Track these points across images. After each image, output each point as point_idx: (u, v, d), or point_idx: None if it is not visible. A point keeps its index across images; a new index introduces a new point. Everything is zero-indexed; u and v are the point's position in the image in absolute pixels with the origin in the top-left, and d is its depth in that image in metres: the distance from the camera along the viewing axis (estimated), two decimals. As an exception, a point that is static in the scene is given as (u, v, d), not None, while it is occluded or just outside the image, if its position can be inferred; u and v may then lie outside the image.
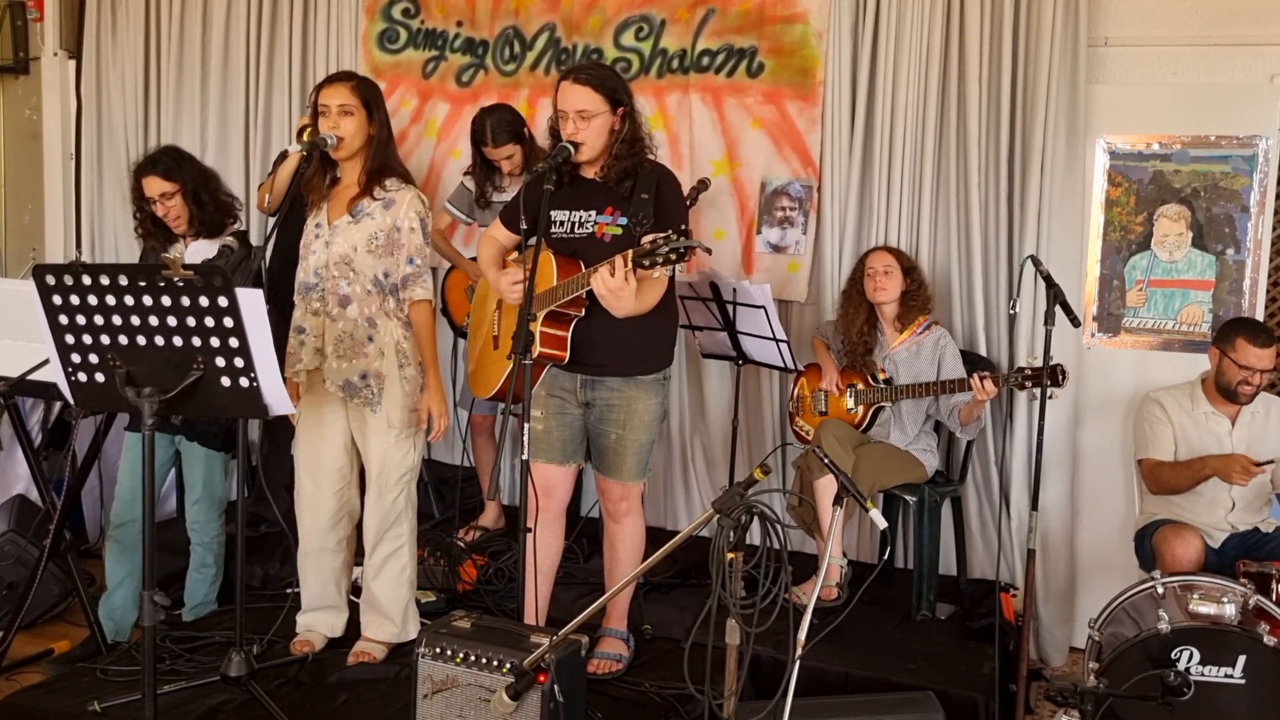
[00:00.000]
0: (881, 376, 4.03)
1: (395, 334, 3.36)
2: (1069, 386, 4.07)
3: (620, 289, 2.96)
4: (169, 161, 3.65)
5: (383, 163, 3.38)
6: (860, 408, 4.05)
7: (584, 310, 3.21)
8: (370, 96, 3.36)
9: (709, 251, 3.23)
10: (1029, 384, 3.61)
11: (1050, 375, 3.51)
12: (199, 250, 3.67)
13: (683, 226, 2.88)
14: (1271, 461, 3.57)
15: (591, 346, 3.24)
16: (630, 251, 2.91)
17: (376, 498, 3.41)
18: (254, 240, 5.00)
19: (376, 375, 3.33)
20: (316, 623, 3.59)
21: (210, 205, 3.68)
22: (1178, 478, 3.64)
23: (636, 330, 3.24)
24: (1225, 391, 3.65)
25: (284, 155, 4.54)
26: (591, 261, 3.09)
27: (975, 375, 3.74)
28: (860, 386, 4.06)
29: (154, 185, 3.63)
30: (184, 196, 3.64)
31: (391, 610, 3.49)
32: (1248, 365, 3.57)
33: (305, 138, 4.02)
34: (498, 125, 4.15)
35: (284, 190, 4.23)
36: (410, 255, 3.34)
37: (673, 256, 2.83)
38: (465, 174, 4.41)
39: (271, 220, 3.39)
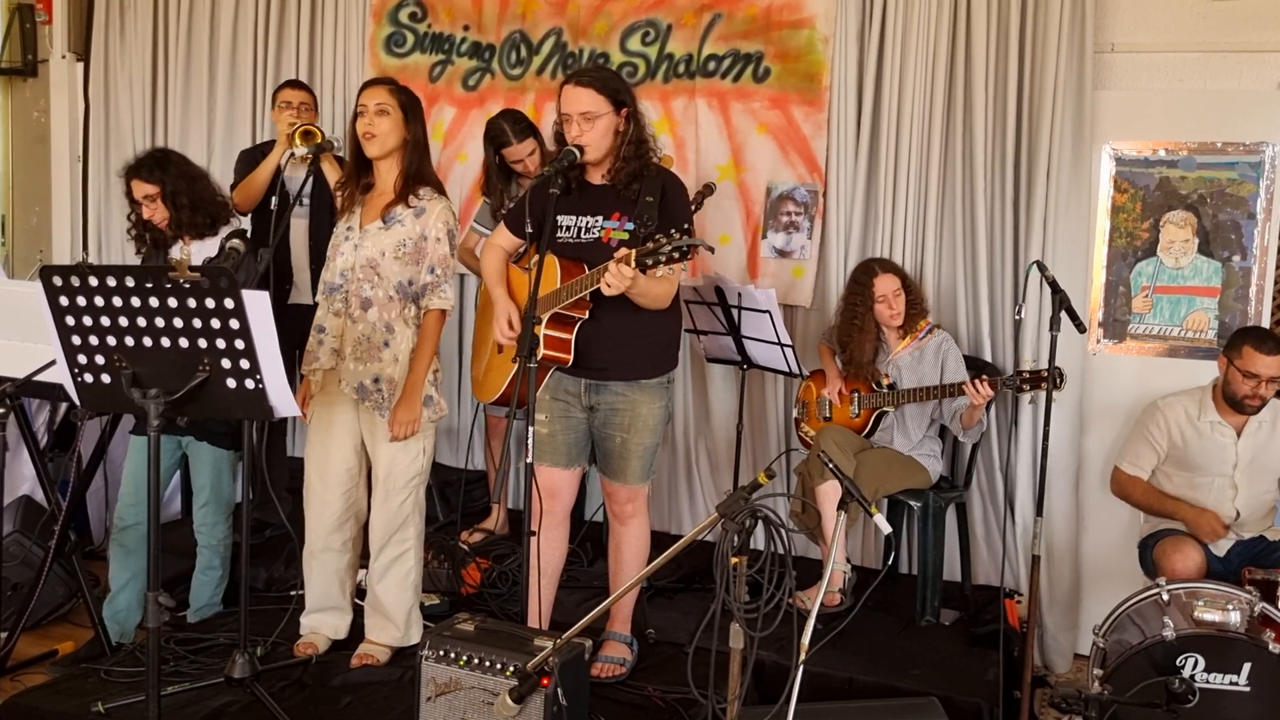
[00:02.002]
0: (885, 382, 4.03)
1: (411, 341, 3.37)
2: (1074, 393, 4.09)
3: (630, 289, 2.98)
4: (152, 164, 3.66)
5: (419, 170, 3.38)
6: (863, 413, 4.05)
7: (588, 313, 3.21)
8: (408, 103, 3.38)
9: (711, 250, 3.23)
10: (1026, 386, 3.61)
11: (1047, 377, 3.51)
12: (195, 251, 3.68)
13: (686, 226, 2.88)
14: (1240, 523, 3.62)
15: (595, 350, 3.24)
16: (633, 251, 2.91)
17: (384, 500, 3.41)
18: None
19: (388, 380, 3.34)
20: (320, 624, 3.59)
21: (189, 208, 3.66)
22: (1146, 502, 3.70)
23: (640, 334, 3.24)
24: (1232, 402, 3.64)
25: (246, 154, 4.56)
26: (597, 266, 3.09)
27: (969, 379, 3.74)
28: (863, 392, 4.06)
29: (138, 188, 3.65)
30: (163, 199, 3.64)
31: (395, 614, 3.49)
32: (1255, 373, 3.54)
33: (298, 140, 4.03)
34: (515, 122, 4.17)
35: (263, 189, 4.25)
36: (432, 265, 3.34)
37: (675, 255, 2.84)
38: (483, 194, 4.40)
39: (276, 220, 3.40)
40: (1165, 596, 3.23)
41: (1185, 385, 3.89)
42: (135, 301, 2.43)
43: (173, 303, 2.42)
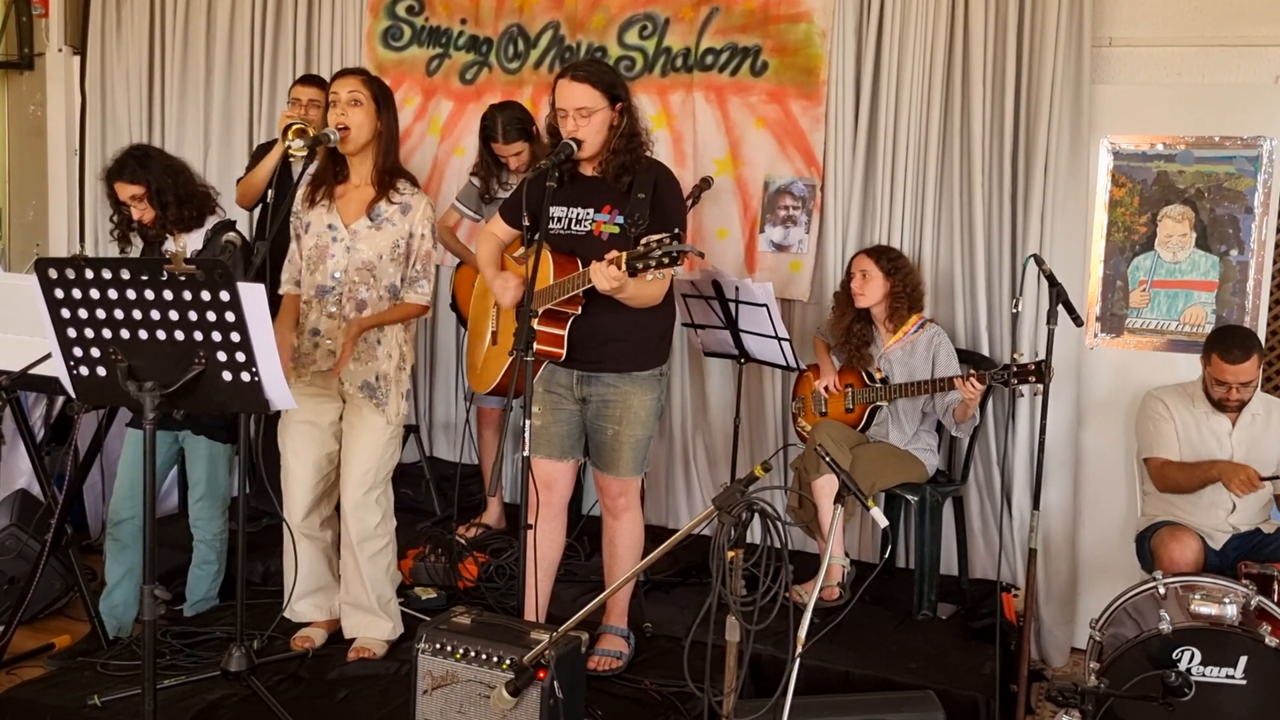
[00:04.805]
0: (878, 376, 4.03)
1: (398, 337, 3.43)
2: (1071, 386, 4.09)
3: (619, 292, 2.97)
4: (133, 164, 3.62)
5: (393, 162, 3.39)
6: (857, 407, 4.05)
7: (580, 308, 3.21)
8: (380, 93, 3.37)
9: (701, 255, 3.23)
10: (1014, 381, 3.61)
11: (1035, 371, 3.52)
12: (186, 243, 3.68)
13: (675, 230, 2.87)
14: (1277, 478, 3.57)
15: (588, 343, 3.25)
16: (624, 255, 2.91)
17: (367, 492, 3.42)
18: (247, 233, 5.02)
19: (384, 377, 3.39)
20: (310, 611, 3.60)
21: (174, 204, 3.63)
22: (1184, 478, 3.64)
23: (632, 327, 3.24)
24: (1212, 402, 3.66)
25: (260, 149, 4.56)
26: (589, 260, 3.08)
27: (961, 374, 3.74)
28: (856, 386, 4.06)
29: (123, 189, 3.62)
30: (149, 198, 3.61)
31: (385, 606, 3.52)
32: (1224, 381, 3.58)
33: (292, 135, 4.01)
34: (509, 122, 4.15)
35: (263, 185, 4.25)
36: (415, 260, 3.38)
37: (665, 260, 2.83)
38: (472, 174, 4.41)
39: (273, 214, 3.39)
40: (1162, 590, 3.24)
41: (1182, 379, 3.89)
42: (131, 294, 2.42)
43: (168, 295, 2.41)
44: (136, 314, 2.44)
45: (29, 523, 4.08)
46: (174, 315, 2.43)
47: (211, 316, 2.42)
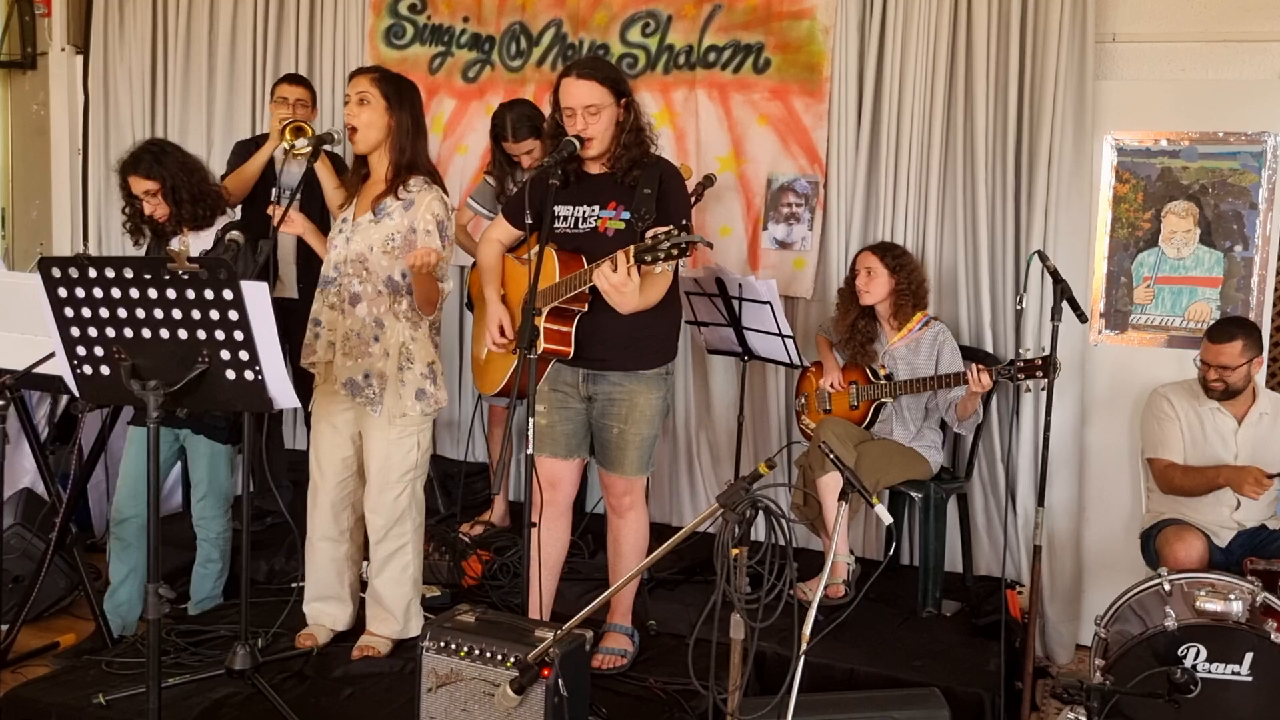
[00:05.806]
0: (882, 373, 4.02)
1: (402, 335, 3.34)
2: (1075, 383, 4.08)
3: (624, 285, 2.94)
4: (149, 159, 3.62)
5: (411, 159, 3.34)
6: (861, 404, 4.05)
7: (587, 306, 3.21)
8: (393, 91, 3.33)
9: (710, 246, 3.23)
10: (1022, 375, 3.61)
11: (1042, 366, 3.51)
12: (191, 242, 3.67)
13: (684, 221, 2.86)
14: (1236, 512, 3.58)
15: (594, 341, 3.24)
16: (632, 247, 2.91)
17: (379, 494, 3.41)
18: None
19: (379, 375, 3.33)
20: (321, 614, 3.59)
21: (188, 202, 3.64)
22: (1190, 483, 3.63)
23: (639, 325, 3.23)
24: (1204, 387, 3.67)
25: (240, 145, 4.56)
26: (594, 257, 3.08)
27: (970, 366, 3.73)
28: (860, 383, 4.05)
29: (137, 184, 3.63)
30: (163, 195, 3.61)
31: (394, 607, 3.49)
32: (1206, 360, 3.61)
33: (289, 134, 4.02)
34: (519, 120, 4.14)
35: (254, 181, 4.24)
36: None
37: (674, 252, 2.82)
38: (486, 173, 4.41)
39: (276, 214, 3.39)
40: (1167, 587, 3.23)
41: (1187, 376, 3.88)
42: (134, 293, 2.43)
43: (172, 294, 2.41)
44: (140, 313, 2.44)
45: (34, 522, 4.09)
46: (177, 314, 2.43)
47: (215, 315, 2.42)
